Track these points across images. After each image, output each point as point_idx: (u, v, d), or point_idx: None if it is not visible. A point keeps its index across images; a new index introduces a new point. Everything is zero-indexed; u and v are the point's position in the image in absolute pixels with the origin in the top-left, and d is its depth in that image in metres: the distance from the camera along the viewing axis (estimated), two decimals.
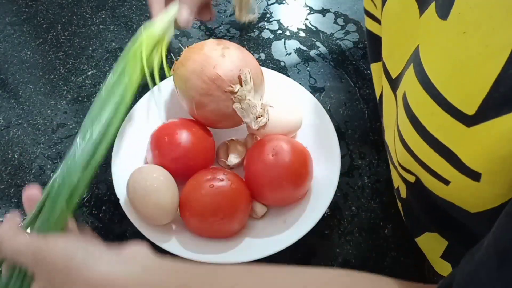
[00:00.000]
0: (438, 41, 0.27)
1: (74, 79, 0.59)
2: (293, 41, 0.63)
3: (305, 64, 0.61)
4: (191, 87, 0.44)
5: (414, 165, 0.30)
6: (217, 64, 0.44)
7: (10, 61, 0.61)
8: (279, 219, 0.45)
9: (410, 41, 0.31)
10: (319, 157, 0.46)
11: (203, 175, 0.42)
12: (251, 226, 0.44)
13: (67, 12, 0.67)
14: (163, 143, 0.44)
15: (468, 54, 0.24)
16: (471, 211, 0.28)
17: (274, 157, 0.43)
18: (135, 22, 0.65)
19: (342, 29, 0.65)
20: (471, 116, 0.24)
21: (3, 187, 0.50)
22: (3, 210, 0.48)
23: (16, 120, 0.55)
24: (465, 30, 0.24)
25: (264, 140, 0.45)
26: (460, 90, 0.25)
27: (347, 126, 0.55)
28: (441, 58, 0.26)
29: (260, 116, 0.44)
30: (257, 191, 0.44)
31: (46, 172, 0.51)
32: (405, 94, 0.30)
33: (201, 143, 0.45)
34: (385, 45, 0.36)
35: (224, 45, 0.46)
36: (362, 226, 0.47)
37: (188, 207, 0.42)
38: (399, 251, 0.45)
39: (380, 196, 0.49)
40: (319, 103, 0.51)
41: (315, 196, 0.45)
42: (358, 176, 0.51)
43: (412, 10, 0.31)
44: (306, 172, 0.44)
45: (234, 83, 0.43)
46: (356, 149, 0.53)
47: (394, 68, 0.34)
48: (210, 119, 0.46)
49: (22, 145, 0.53)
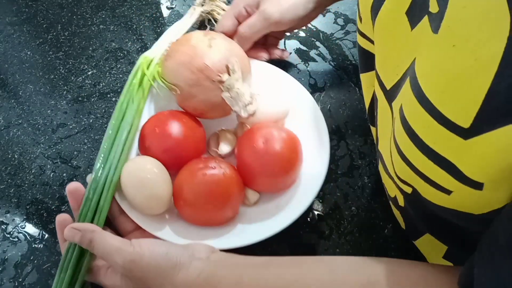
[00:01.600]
0: (430, 54, 0.27)
1: (74, 79, 0.59)
2: (293, 41, 0.63)
3: (305, 64, 0.61)
4: (180, 79, 0.45)
5: (412, 176, 0.30)
6: (204, 54, 0.44)
7: (10, 61, 0.61)
8: (272, 204, 0.45)
9: (402, 54, 0.31)
10: (308, 142, 0.48)
11: (196, 164, 0.43)
12: (244, 213, 0.45)
13: (67, 12, 0.67)
14: (154, 135, 0.45)
15: (459, 67, 0.24)
16: (475, 213, 0.28)
17: (264, 145, 0.43)
18: (135, 22, 0.65)
19: (342, 29, 0.65)
20: (467, 129, 0.24)
21: (3, 187, 0.50)
22: (3, 210, 0.48)
23: (16, 120, 0.55)
24: (454, 43, 0.24)
25: (254, 128, 0.46)
26: (454, 103, 0.25)
27: (347, 126, 0.55)
28: (433, 72, 0.26)
29: (249, 104, 0.45)
30: (249, 178, 0.44)
31: (46, 172, 0.51)
32: (402, 107, 0.30)
33: (192, 133, 0.46)
34: (378, 57, 0.36)
35: (210, 36, 0.47)
36: (362, 226, 0.47)
37: (182, 196, 0.42)
38: (399, 251, 0.45)
39: (380, 196, 0.49)
40: (304, 88, 0.52)
41: (306, 181, 0.46)
42: (358, 176, 0.51)
43: (403, 24, 0.31)
44: (296, 158, 0.44)
45: (222, 73, 0.44)
46: (356, 149, 0.53)
47: (387, 79, 0.34)
48: (199, 109, 0.47)
49: (22, 145, 0.53)
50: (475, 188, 0.26)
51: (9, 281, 0.43)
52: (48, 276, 0.43)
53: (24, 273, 0.43)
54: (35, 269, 0.44)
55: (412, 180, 0.31)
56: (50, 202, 0.49)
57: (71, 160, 0.52)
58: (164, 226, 0.43)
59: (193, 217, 0.43)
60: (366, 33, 0.39)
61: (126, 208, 0.42)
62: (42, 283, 0.43)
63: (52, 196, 0.49)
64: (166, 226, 0.43)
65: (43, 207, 0.48)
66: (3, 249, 0.45)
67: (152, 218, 0.43)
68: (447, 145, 0.26)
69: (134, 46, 0.62)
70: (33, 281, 0.43)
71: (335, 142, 0.53)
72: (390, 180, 0.36)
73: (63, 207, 0.48)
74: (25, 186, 0.50)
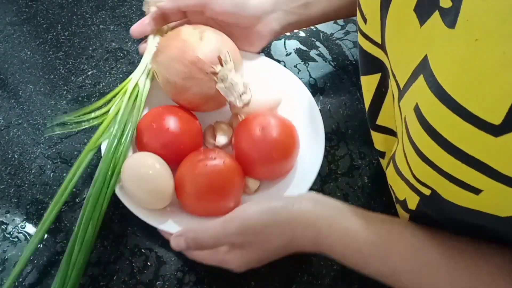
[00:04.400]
0: (448, 50, 0.26)
1: (74, 79, 0.59)
2: (293, 41, 0.63)
3: (305, 64, 0.61)
4: (173, 73, 0.45)
5: (435, 177, 0.29)
6: (196, 47, 0.45)
7: (10, 61, 0.61)
8: (272, 191, 0.46)
9: (412, 52, 0.30)
10: (303, 127, 0.49)
11: (195, 156, 0.44)
12: (246, 201, 0.45)
13: (67, 12, 0.67)
14: (151, 130, 0.45)
15: (483, 62, 0.23)
16: (501, 216, 0.27)
17: (261, 132, 0.44)
18: (135, 22, 0.65)
19: (342, 29, 0.65)
20: (498, 125, 0.23)
21: (3, 187, 0.50)
22: (3, 210, 0.48)
23: (16, 120, 0.55)
24: (477, 37, 0.24)
25: (250, 118, 0.46)
26: (482, 99, 0.24)
27: (347, 126, 0.55)
28: (454, 68, 0.25)
29: (244, 94, 0.45)
30: (248, 166, 0.45)
31: (46, 172, 0.51)
32: (418, 106, 0.29)
33: (189, 126, 0.46)
34: (391, 56, 0.35)
35: (200, 28, 0.47)
36: None
37: (184, 188, 0.43)
38: None
39: (380, 196, 0.49)
40: (294, 75, 0.54)
41: (304, 166, 0.47)
42: (358, 176, 0.51)
43: (411, 21, 0.30)
44: (293, 143, 0.45)
45: (215, 64, 0.45)
46: (356, 149, 0.53)
47: (401, 78, 0.33)
48: (194, 102, 0.47)
49: (22, 145, 0.53)
50: (509, 186, 0.25)
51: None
52: (48, 276, 0.43)
53: (24, 273, 0.43)
54: (35, 269, 0.44)
55: (433, 181, 0.30)
56: (50, 202, 0.48)
57: (71, 160, 0.52)
58: (167, 219, 0.43)
59: (196, 209, 0.44)
60: (371, 35, 0.38)
61: (127, 204, 0.43)
62: (42, 283, 0.43)
63: (52, 196, 0.49)
64: (169, 219, 0.43)
65: (43, 207, 0.48)
66: (3, 249, 0.45)
67: (155, 212, 0.43)
68: (476, 143, 0.25)
69: (134, 46, 0.62)
70: (33, 281, 0.43)
71: (335, 142, 0.53)
72: (402, 183, 0.35)
73: (63, 207, 0.48)
74: (25, 186, 0.50)
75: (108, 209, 0.46)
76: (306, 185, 0.45)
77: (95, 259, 0.44)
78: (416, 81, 0.29)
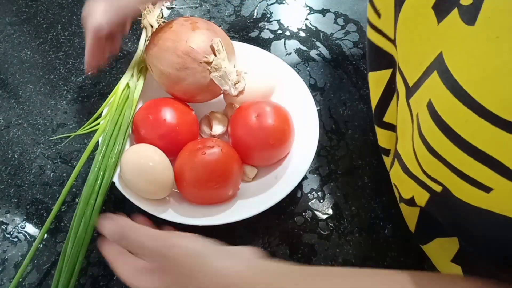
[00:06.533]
0: (466, 47, 0.26)
1: (74, 79, 0.59)
2: (293, 41, 0.63)
3: (305, 64, 0.61)
4: (166, 64, 0.46)
5: (446, 173, 0.29)
6: (188, 38, 0.45)
7: (10, 61, 0.61)
8: (270, 177, 0.47)
9: (427, 49, 0.30)
10: (297, 113, 0.50)
11: (193, 145, 0.44)
12: (244, 189, 0.46)
13: (67, 12, 0.67)
14: (148, 122, 0.46)
15: (502, 59, 0.24)
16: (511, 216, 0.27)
17: (257, 119, 0.45)
18: (135, 22, 0.65)
19: (342, 29, 0.65)
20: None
21: (3, 187, 0.50)
22: (3, 210, 0.48)
23: (16, 120, 0.55)
24: (498, 34, 0.24)
25: (245, 106, 0.47)
26: (498, 95, 0.24)
27: (347, 126, 0.55)
28: (472, 64, 0.25)
29: (238, 82, 0.46)
30: (246, 154, 0.46)
31: (46, 172, 0.51)
32: (431, 102, 0.29)
33: (185, 117, 0.47)
34: (401, 54, 0.35)
35: (191, 20, 0.48)
36: (362, 226, 0.47)
37: (184, 177, 0.43)
38: (399, 251, 0.45)
39: (380, 196, 0.49)
40: (285, 63, 0.54)
41: (300, 150, 0.48)
42: (358, 176, 0.51)
43: (428, 18, 0.30)
44: (289, 128, 0.46)
45: (208, 54, 0.45)
46: (356, 149, 0.53)
47: (410, 76, 0.33)
48: (188, 93, 0.47)
49: (22, 145, 0.53)
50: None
51: (9, 281, 0.43)
52: (48, 276, 0.43)
53: (24, 273, 0.43)
54: (35, 269, 0.44)
55: (444, 178, 0.30)
56: (50, 202, 0.49)
57: (71, 160, 0.52)
58: (167, 208, 0.44)
59: (196, 197, 0.44)
60: (384, 30, 0.38)
61: (127, 194, 0.43)
62: (42, 283, 0.43)
63: (52, 196, 0.49)
64: (168, 209, 0.44)
65: (43, 207, 0.48)
66: (3, 249, 0.45)
67: (155, 201, 0.44)
68: (489, 139, 0.25)
69: (134, 46, 0.62)
70: (33, 281, 0.43)
71: (335, 142, 0.53)
72: (408, 181, 0.35)
73: (63, 207, 0.48)
74: (25, 186, 0.50)
75: (108, 209, 0.46)
76: (303, 169, 0.46)
77: (95, 259, 0.44)
78: (429, 77, 0.29)
